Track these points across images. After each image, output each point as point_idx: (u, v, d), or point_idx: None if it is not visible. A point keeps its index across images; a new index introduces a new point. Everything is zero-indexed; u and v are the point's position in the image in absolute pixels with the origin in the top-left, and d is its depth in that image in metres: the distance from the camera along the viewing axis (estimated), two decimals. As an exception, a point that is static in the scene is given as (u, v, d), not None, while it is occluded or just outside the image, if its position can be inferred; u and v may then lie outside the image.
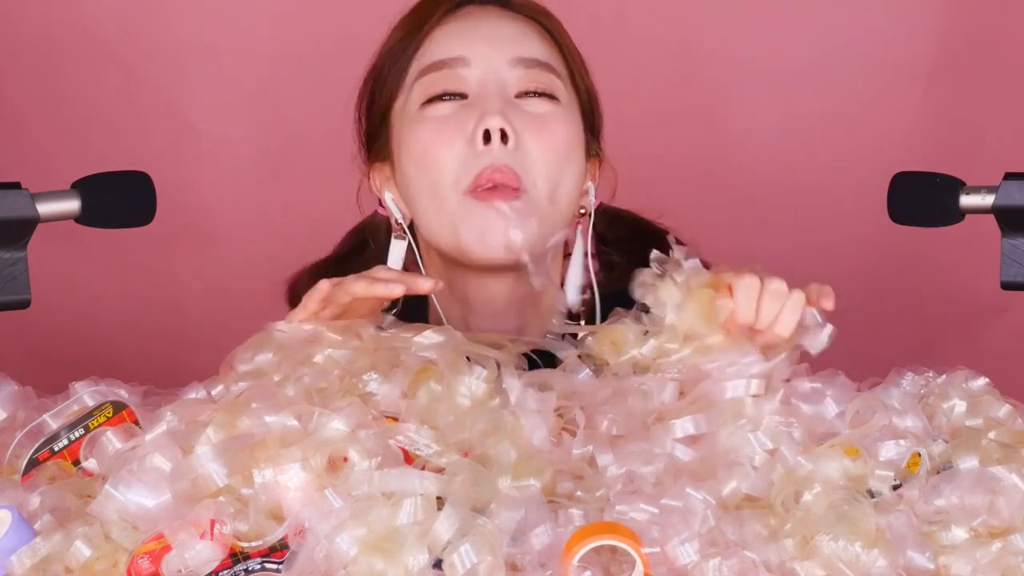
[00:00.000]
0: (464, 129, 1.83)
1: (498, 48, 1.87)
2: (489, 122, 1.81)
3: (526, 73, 1.87)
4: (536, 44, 1.90)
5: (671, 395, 1.54)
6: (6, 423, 1.59)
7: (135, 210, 1.77)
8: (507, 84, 1.86)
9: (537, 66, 1.87)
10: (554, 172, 1.85)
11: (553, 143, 1.85)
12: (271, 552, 1.34)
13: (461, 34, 1.89)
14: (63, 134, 2.87)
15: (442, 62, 1.87)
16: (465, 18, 1.91)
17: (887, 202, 1.81)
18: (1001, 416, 1.59)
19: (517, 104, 1.85)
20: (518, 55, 1.87)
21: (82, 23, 2.86)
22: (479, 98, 1.85)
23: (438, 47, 1.89)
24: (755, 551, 1.36)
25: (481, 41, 1.88)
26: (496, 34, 1.89)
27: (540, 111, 1.86)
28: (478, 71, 1.86)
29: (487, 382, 1.51)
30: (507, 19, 1.91)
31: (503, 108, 1.83)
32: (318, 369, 1.54)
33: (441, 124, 1.84)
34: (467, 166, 1.82)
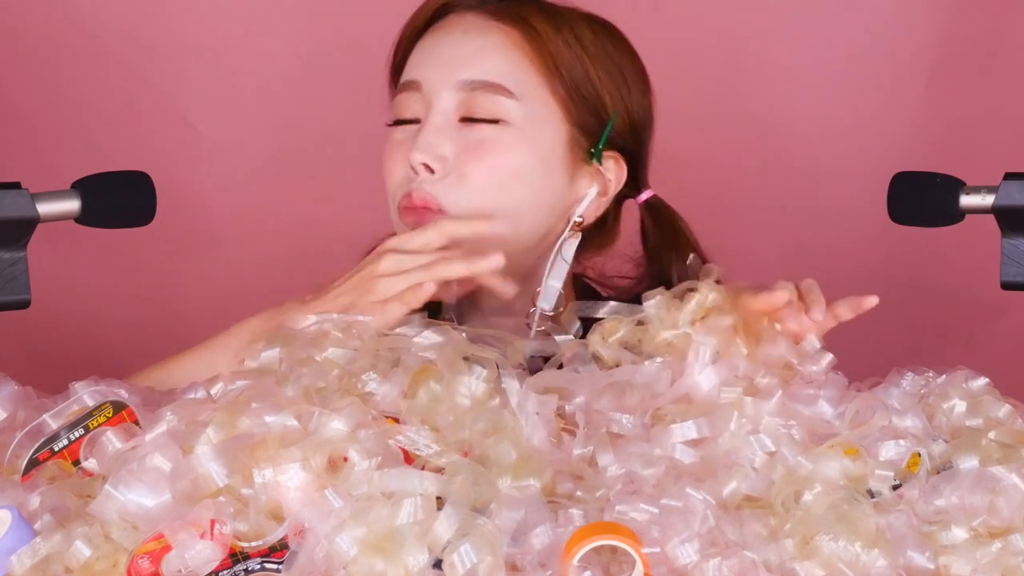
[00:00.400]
0: (406, 156, 1.87)
1: (447, 70, 1.88)
2: (412, 156, 1.85)
3: (470, 96, 1.87)
4: (492, 61, 1.88)
5: (665, 384, 1.54)
6: (6, 423, 1.59)
7: (135, 210, 1.77)
8: (449, 109, 1.87)
9: (483, 88, 1.87)
10: (485, 194, 1.85)
11: (490, 169, 1.85)
12: (271, 552, 1.34)
13: (423, 54, 1.92)
14: (63, 134, 2.87)
15: (403, 84, 1.92)
16: (438, 31, 1.93)
17: (887, 202, 1.81)
18: (1001, 416, 1.59)
19: (457, 129, 1.87)
20: (464, 78, 1.87)
21: (82, 23, 2.86)
22: (422, 124, 1.88)
23: (408, 67, 1.93)
24: (755, 551, 1.36)
25: (434, 62, 1.90)
26: (452, 53, 1.89)
27: (479, 136, 1.86)
28: (426, 96, 1.89)
29: (487, 382, 1.51)
30: (475, 30, 1.90)
31: (434, 139, 1.85)
32: (318, 369, 1.54)
33: (392, 148, 1.91)
34: (400, 188, 1.88)
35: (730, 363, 1.54)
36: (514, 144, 1.87)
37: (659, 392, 1.54)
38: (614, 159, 1.93)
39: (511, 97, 1.87)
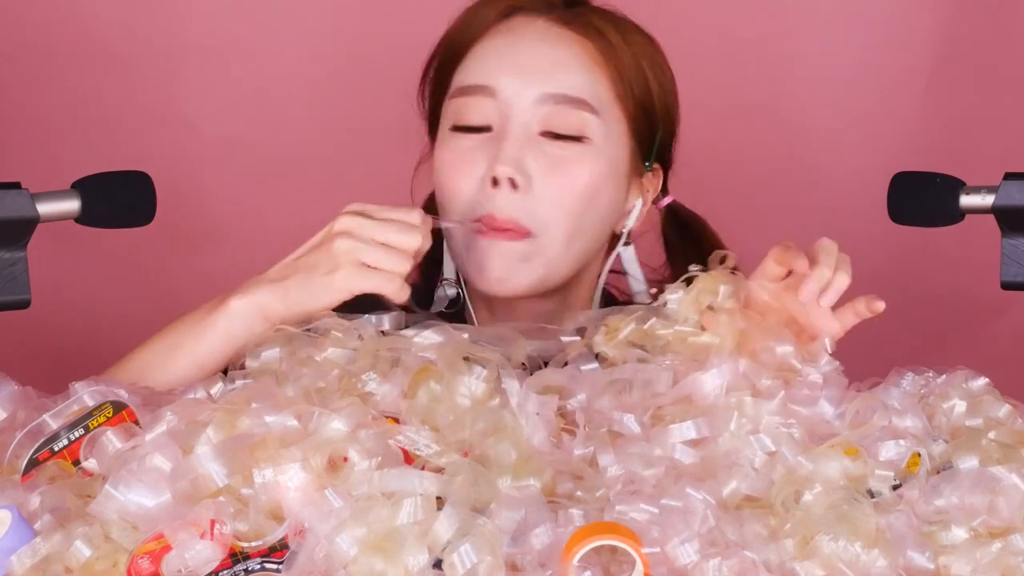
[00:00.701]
0: (479, 166, 1.82)
1: (528, 80, 1.83)
2: (498, 170, 1.80)
3: (553, 111, 1.82)
4: (574, 74, 1.84)
5: (666, 384, 1.54)
6: (6, 423, 1.59)
7: (135, 210, 1.77)
8: (531, 122, 1.82)
9: (567, 103, 1.83)
10: (571, 216, 1.83)
11: (570, 188, 1.82)
12: (271, 552, 1.34)
13: (494, 57, 1.85)
14: (63, 134, 2.87)
15: (470, 88, 1.85)
16: (507, 34, 1.86)
17: (887, 202, 1.81)
18: (1001, 416, 1.59)
19: (538, 144, 1.82)
20: (547, 91, 1.83)
21: (82, 23, 2.86)
22: (499, 135, 1.82)
23: (472, 68, 1.86)
24: (755, 551, 1.36)
25: (511, 70, 1.84)
26: (530, 62, 1.84)
27: (562, 153, 1.83)
28: (503, 104, 1.83)
29: (487, 382, 1.51)
30: (550, 39, 1.85)
31: (518, 153, 1.81)
32: (317, 369, 1.54)
33: (460, 156, 1.84)
34: (475, 204, 1.82)
35: (735, 366, 1.54)
36: (594, 163, 1.84)
37: (660, 392, 1.54)
38: (655, 169, 1.94)
39: (593, 113, 1.84)
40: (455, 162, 1.84)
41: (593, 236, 1.87)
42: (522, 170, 1.81)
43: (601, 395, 1.54)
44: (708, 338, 1.59)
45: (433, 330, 1.58)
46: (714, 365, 1.53)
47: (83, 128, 2.87)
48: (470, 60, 1.87)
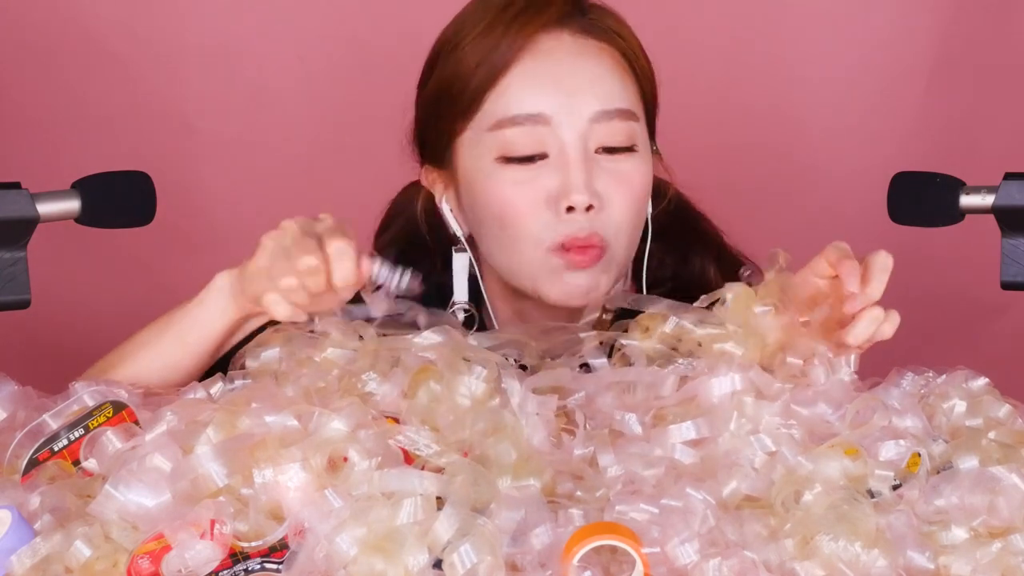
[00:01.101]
0: (545, 191, 1.81)
1: (580, 100, 1.81)
2: (575, 199, 1.79)
3: (608, 127, 1.82)
4: (613, 86, 1.84)
5: (671, 388, 1.54)
6: (6, 423, 1.59)
7: (135, 210, 1.77)
8: (588, 142, 1.82)
9: (619, 116, 1.83)
10: (634, 223, 1.84)
11: (633, 197, 1.83)
12: (271, 552, 1.34)
13: (539, 81, 1.82)
14: (63, 134, 2.87)
15: (522, 117, 1.82)
16: (541, 56, 1.83)
17: (887, 202, 1.81)
18: (1001, 416, 1.59)
19: (597, 161, 1.82)
20: (600, 108, 1.82)
21: (83, 23, 2.86)
22: (561, 160, 1.81)
23: (516, 96, 1.82)
24: (755, 551, 1.36)
25: (560, 92, 1.82)
26: (574, 82, 1.82)
27: (622, 168, 1.83)
28: (558, 130, 1.81)
29: (487, 382, 1.51)
30: (584, 54, 1.84)
31: (587, 177, 1.80)
32: (317, 369, 1.54)
33: (522, 187, 1.82)
34: (551, 230, 1.81)
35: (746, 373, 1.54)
36: (646, 168, 1.85)
37: (663, 394, 1.54)
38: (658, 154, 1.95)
39: (636, 121, 1.85)
40: (515, 194, 1.82)
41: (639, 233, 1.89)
42: (594, 192, 1.81)
43: (603, 394, 1.54)
44: (732, 347, 1.59)
45: (433, 330, 1.58)
46: (723, 371, 1.53)
47: (83, 128, 2.87)
48: (508, 88, 1.83)
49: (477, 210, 1.86)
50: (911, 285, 2.91)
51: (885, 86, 2.92)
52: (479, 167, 1.84)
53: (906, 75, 2.92)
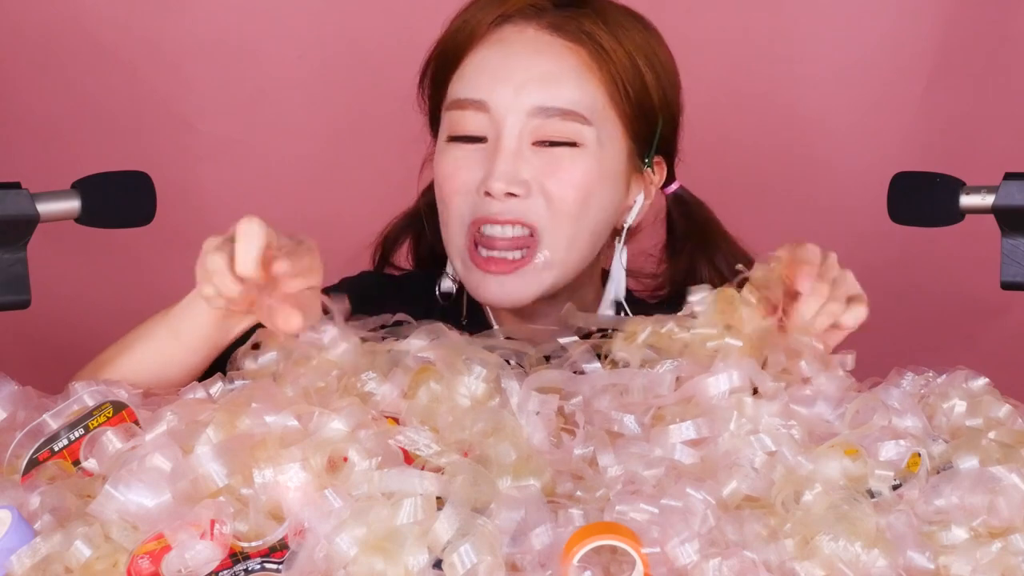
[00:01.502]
0: (474, 175, 1.86)
1: (521, 95, 1.85)
2: (492, 185, 1.83)
3: (546, 123, 1.85)
4: (565, 86, 1.86)
5: (667, 387, 1.54)
6: (6, 423, 1.59)
7: (135, 210, 1.77)
8: (524, 133, 1.85)
9: (559, 115, 1.85)
10: (569, 216, 1.85)
11: (571, 185, 1.85)
12: (271, 552, 1.34)
13: (487, 70, 1.87)
14: (63, 134, 2.87)
15: (466, 101, 1.87)
16: (498, 45, 1.88)
17: (887, 202, 1.81)
18: (1001, 416, 1.59)
19: (531, 152, 1.85)
20: (540, 104, 1.85)
21: (83, 23, 2.86)
22: (493, 147, 1.85)
23: (465, 81, 1.88)
24: (755, 551, 1.36)
25: (504, 84, 1.86)
26: (522, 76, 1.86)
27: (557, 156, 1.85)
28: (496, 118, 1.85)
29: (487, 382, 1.51)
30: (541, 50, 1.87)
31: (512, 167, 1.83)
32: (316, 369, 1.54)
33: (457, 166, 1.87)
34: (473, 208, 1.85)
35: (742, 370, 1.54)
36: (588, 165, 1.86)
37: (660, 394, 1.54)
38: (658, 163, 1.96)
39: (585, 123, 1.86)
40: (452, 172, 1.88)
41: (593, 234, 1.89)
42: (516, 181, 1.84)
43: (601, 395, 1.54)
44: (732, 340, 1.59)
45: (428, 331, 1.58)
46: (720, 369, 1.53)
47: (83, 128, 2.87)
48: (463, 71, 1.89)
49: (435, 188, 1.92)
50: (911, 285, 2.92)
51: (885, 86, 2.92)
52: (439, 144, 1.91)
53: (906, 75, 2.92)
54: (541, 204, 1.84)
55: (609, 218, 1.91)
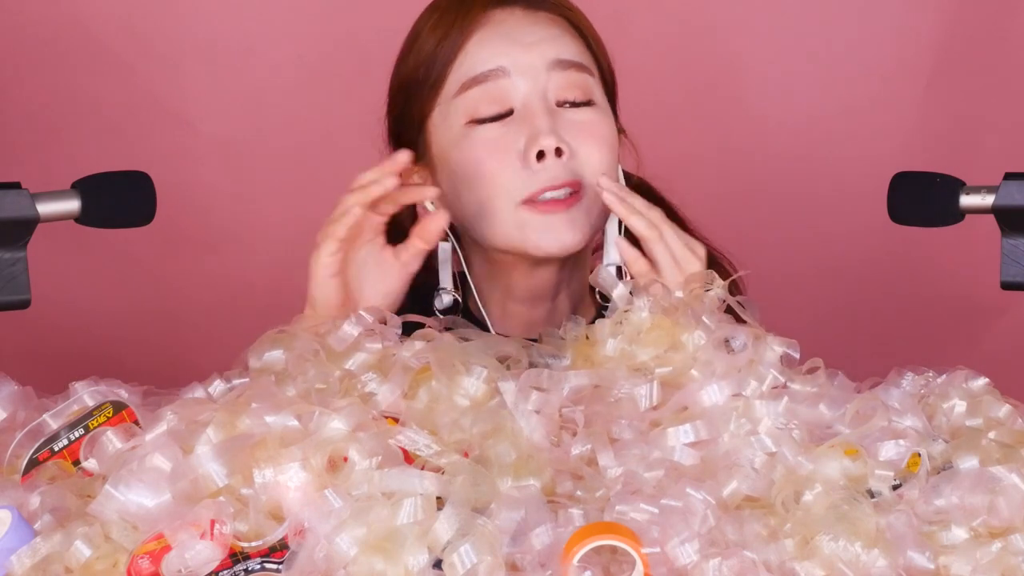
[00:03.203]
0: (516, 147, 1.87)
1: (535, 52, 1.89)
2: (543, 143, 1.85)
3: (564, 77, 1.89)
4: (569, 43, 1.92)
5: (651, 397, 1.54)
6: (6, 423, 1.59)
7: (135, 210, 1.77)
8: (548, 91, 1.88)
9: (574, 67, 1.90)
10: (611, 169, 1.89)
11: (602, 146, 1.89)
12: (271, 552, 1.34)
13: (496, 42, 1.90)
14: (63, 134, 2.87)
15: (483, 75, 1.89)
16: (496, 24, 1.92)
17: (887, 202, 1.81)
18: (1001, 416, 1.59)
19: (561, 114, 1.88)
20: (555, 57, 1.89)
21: (82, 23, 2.86)
22: (525, 113, 1.87)
23: (475, 58, 1.90)
24: (755, 551, 1.36)
25: (517, 47, 1.89)
26: (530, 37, 1.90)
27: (584, 119, 1.89)
28: (519, 81, 1.88)
29: (487, 382, 1.51)
30: (537, 20, 1.92)
31: (552, 125, 1.86)
32: (321, 367, 1.54)
33: (492, 145, 1.88)
34: (524, 182, 1.86)
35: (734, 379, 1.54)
36: (609, 122, 1.92)
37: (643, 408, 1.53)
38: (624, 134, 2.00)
39: (592, 75, 1.92)
40: (488, 150, 1.88)
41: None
42: (562, 139, 1.86)
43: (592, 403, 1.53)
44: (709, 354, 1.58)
45: (424, 335, 1.58)
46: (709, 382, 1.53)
47: (83, 128, 2.87)
48: (467, 56, 1.90)
49: (455, 181, 1.91)
50: (912, 285, 2.92)
51: (885, 86, 2.92)
52: (450, 137, 1.90)
53: (906, 75, 2.92)
54: (586, 162, 1.88)
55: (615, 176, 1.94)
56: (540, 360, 1.60)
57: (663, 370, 1.56)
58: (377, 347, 1.57)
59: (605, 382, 1.54)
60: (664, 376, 1.55)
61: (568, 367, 1.59)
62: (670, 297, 1.63)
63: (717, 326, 1.58)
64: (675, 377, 1.56)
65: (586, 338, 1.62)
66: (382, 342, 1.58)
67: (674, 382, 1.55)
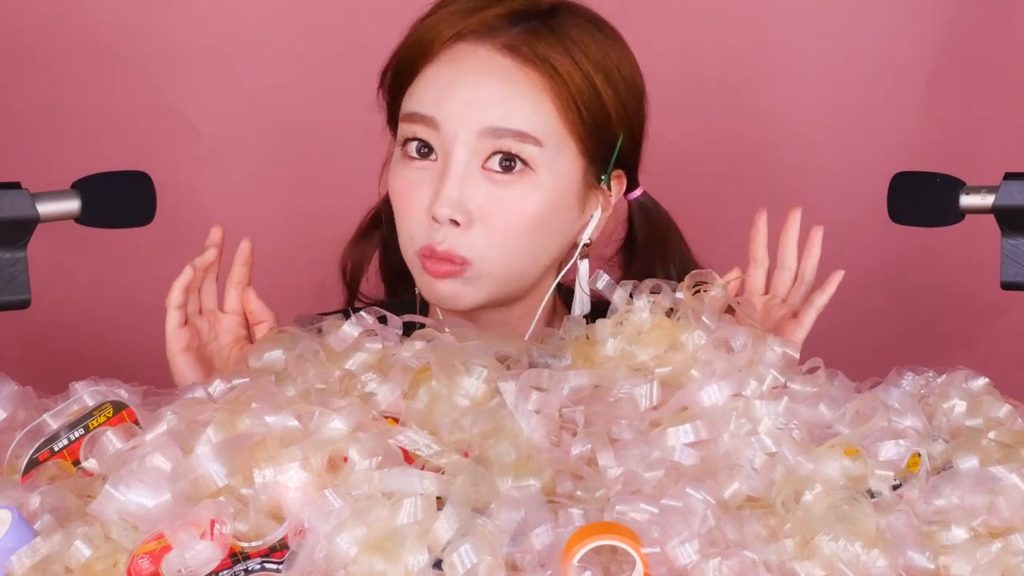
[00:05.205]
0: (423, 199, 1.84)
1: (470, 114, 1.82)
2: (437, 211, 1.82)
3: (497, 144, 1.82)
4: (517, 106, 1.82)
5: (651, 397, 1.54)
6: (6, 423, 1.59)
7: (135, 210, 1.77)
8: (473, 156, 1.82)
9: (511, 136, 1.82)
10: (511, 248, 1.84)
11: (513, 224, 1.83)
12: (271, 552, 1.34)
13: (438, 88, 1.84)
14: (63, 134, 2.87)
15: (415, 115, 1.85)
16: (450, 63, 1.85)
17: (887, 202, 1.81)
18: (1001, 416, 1.59)
19: (480, 178, 1.82)
20: (491, 125, 1.81)
21: (82, 23, 2.86)
22: (443, 168, 1.83)
23: (417, 96, 1.86)
24: (755, 551, 1.36)
25: (454, 103, 1.83)
26: (473, 96, 1.83)
27: (504, 194, 1.83)
28: (445, 136, 1.83)
29: (487, 382, 1.51)
30: (493, 71, 1.83)
31: (459, 192, 1.81)
32: (321, 367, 1.54)
33: (409, 186, 1.86)
34: (424, 233, 1.84)
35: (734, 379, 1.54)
36: (537, 192, 1.83)
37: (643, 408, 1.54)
38: (617, 176, 1.93)
39: (537, 145, 1.82)
40: (404, 192, 1.86)
41: (543, 256, 1.88)
42: (462, 209, 1.82)
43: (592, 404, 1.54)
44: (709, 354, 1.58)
45: (424, 335, 1.58)
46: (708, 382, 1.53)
47: (83, 128, 2.87)
48: (416, 86, 1.87)
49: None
50: (911, 285, 2.92)
51: (885, 86, 2.92)
52: (395, 153, 1.90)
53: (906, 75, 2.92)
54: (480, 236, 1.83)
55: (563, 236, 1.89)
56: (540, 360, 1.60)
57: (663, 370, 1.56)
58: (377, 347, 1.57)
59: (605, 382, 1.54)
60: (664, 376, 1.55)
61: (568, 367, 1.58)
62: (670, 297, 1.63)
63: (717, 326, 1.58)
64: (675, 377, 1.56)
65: (586, 338, 1.62)
66: (382, 342, 1.58)
67: (674, 382, 1.55)
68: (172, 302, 1.89)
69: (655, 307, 1.60)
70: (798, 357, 1.59)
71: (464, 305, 1.86)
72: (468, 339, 1.57)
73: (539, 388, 1.51)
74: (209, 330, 1.91)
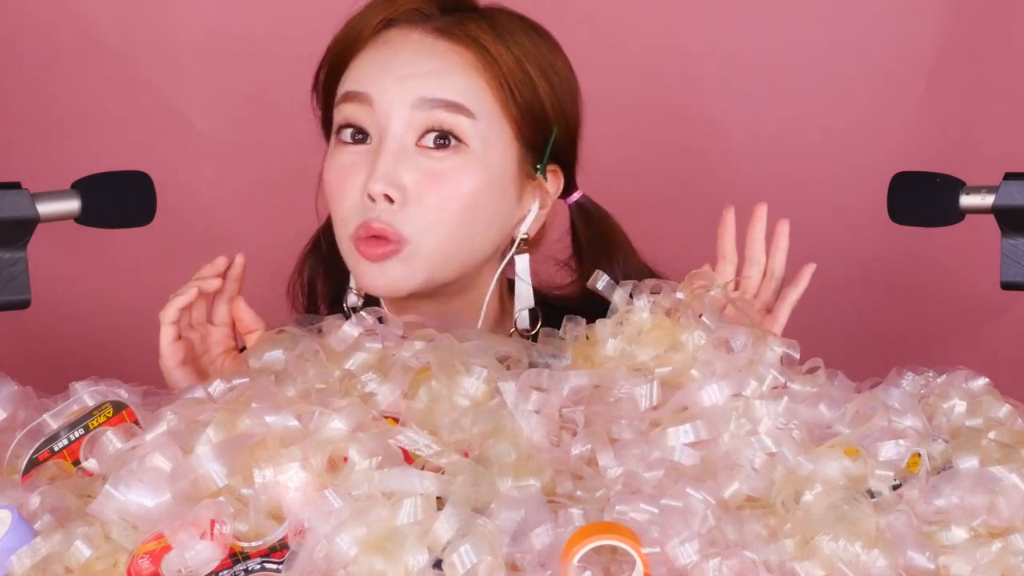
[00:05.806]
0: (359, 179, 1.84)
1: (405, 86, 1.83)
2: (371, 187, 1.82)
3: (429, 116, 1.82)
4: (450, 79, 1.84)
5: (651, 397, 1.54)
6: (6, 423, 1.59)
7: (135, 210, 1.77)
8: (407, 130, 1.83)
9: (443, 107, 1.83)
10: (448, 225, 1.83)
11: (449, 197, 1.83)
12: (271, 552, 1.34)
13: (372, 66, 1.86)
14: (63, 134, 2.87)
15: (353, 94, 1.86)
16: (383, 46, 1.87)
17: (887, 202, 1.81)
18: (1001, 416, 1.59)
19: (414, 155, 1.83)
20: (423, 95, 1.83)
21: (82, 23, 2.86)
22: (377, 147, 1.83)
23: (354, 75, 1.87)
24: (755, 551, 1.36)
25: (388, 77, 1.84)
26: (406, 68, 1.84)
27: (440, 167, 1.83)
28: (380, 113, 1.83)
29: (487, 383, 1.51)
30: (425, 51, 1.85)
31: (393, 167, 1.81)
32: (321, 367, 1.54)
33: (344, 171, 1.86)
34: (356, 215, 1.84)
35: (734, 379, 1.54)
36: (472, 169, 1.84)
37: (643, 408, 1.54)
38: (553, 171, 1.93)
39: (470, 117, 1.83)
40: (336, 176, 1.87)
41: (480, 241, 1.88)
42: (396, 184, 1.82)
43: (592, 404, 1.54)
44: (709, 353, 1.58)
45: (423, 335, 1.58)
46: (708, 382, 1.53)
47: (83, 128, 2.87)
48: (351, 70, 1.88)
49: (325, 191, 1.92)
50: (912, 285, 2.92)
51: (885, 86, 2.92)
52: (330, 144, 1.91)
53: (906, 75, 2.92)
54: (416, 213, 1.82)
55: (499, 224, 1.89)
56: (540, 360, 1.60)
57: (663, 370, 1.56)
58: (377, 347, 1.57)
59: (605, 382, 1.54)
60: (664, 376, 1.55)
61: (568, 367, 1.59)
62: (670, 297, 1.63)
63: (717, 326, 1.58)
64: (675, 377, 1.56)
65: (586, 338, 1.62)
66: (382, 342, 1.58)
67: (674, 382, 1.55)
68: (167, 318, 1.88)
69: (655, 307, 1.60)
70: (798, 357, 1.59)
71: (402, 289, 1.84)
72: (468, 339, 1.57)
73: (539, 388, 1.51)
74: (200, 343, 1.90)
